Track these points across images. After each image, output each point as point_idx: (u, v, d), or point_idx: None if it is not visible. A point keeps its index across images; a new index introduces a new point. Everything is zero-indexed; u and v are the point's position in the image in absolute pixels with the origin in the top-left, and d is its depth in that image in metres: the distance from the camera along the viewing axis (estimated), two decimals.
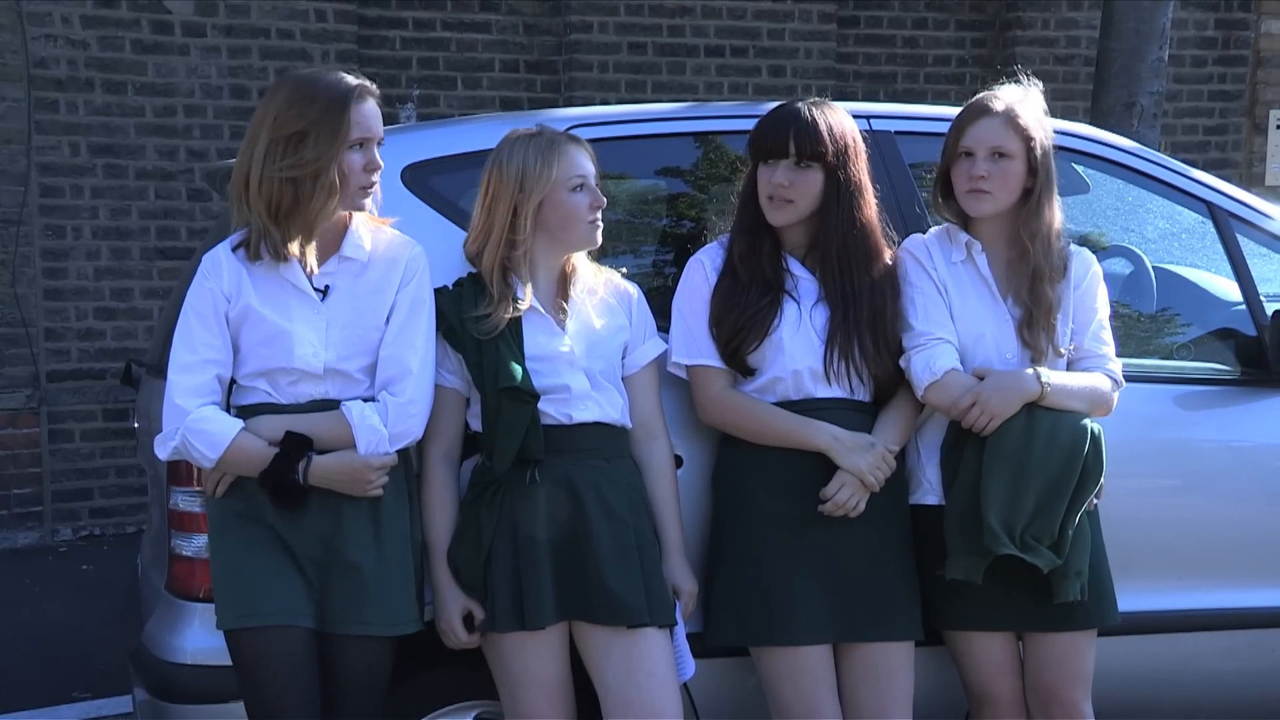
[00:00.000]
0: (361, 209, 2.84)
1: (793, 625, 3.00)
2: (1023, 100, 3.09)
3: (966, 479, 3.00)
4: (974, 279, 3.12)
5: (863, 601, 3.03)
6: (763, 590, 3.01)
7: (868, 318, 3.04)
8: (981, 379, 3.02)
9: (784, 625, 3.00)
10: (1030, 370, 3.02)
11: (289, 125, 2.73)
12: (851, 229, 3.05)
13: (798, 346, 3.04)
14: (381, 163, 2.81)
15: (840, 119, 3.07)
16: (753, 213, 3.08)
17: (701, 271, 3.12)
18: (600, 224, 2.98)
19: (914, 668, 3.09)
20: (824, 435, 3.01)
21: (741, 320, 3.03)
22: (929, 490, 3.13)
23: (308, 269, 2.78)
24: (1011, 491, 2.95)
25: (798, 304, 3.06)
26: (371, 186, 2.81)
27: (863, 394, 3.09)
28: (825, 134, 3.01)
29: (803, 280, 3.10)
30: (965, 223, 3.14)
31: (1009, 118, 3.05)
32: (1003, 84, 3.14)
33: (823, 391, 3.05)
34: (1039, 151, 3.05)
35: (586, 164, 2.96)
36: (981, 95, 3.11)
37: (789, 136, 3.01)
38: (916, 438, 3.16)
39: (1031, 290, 3.05)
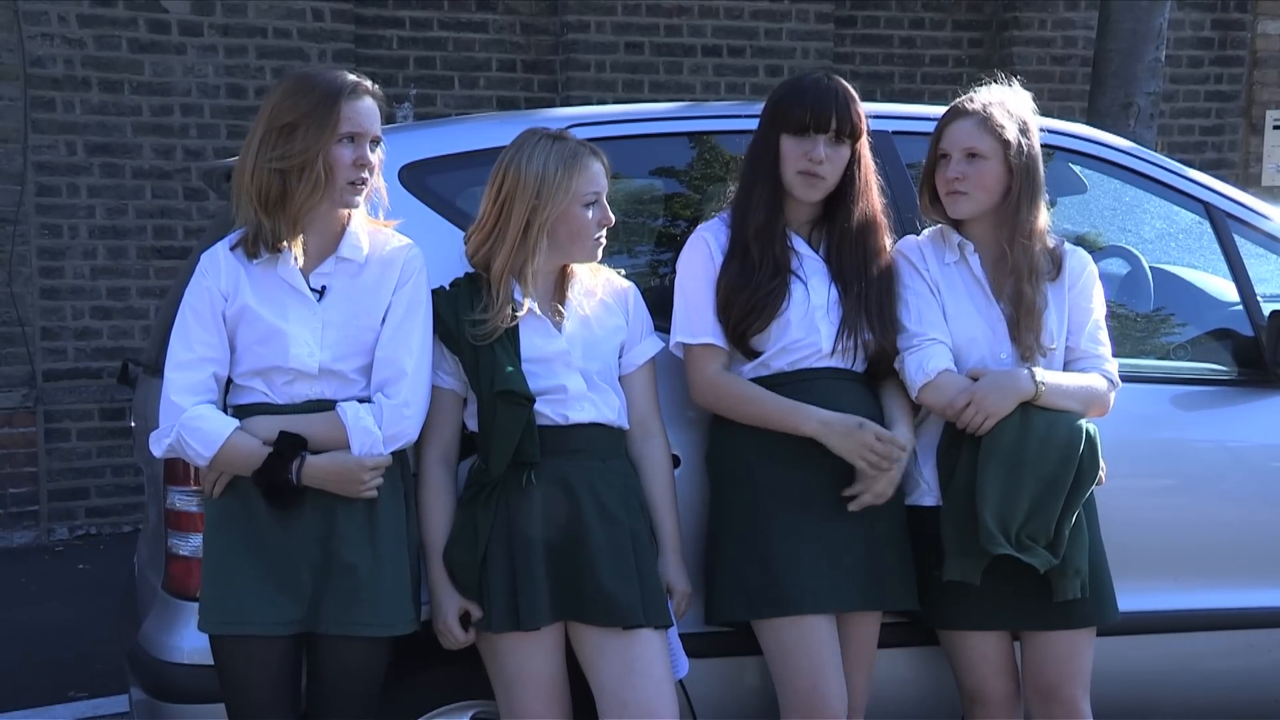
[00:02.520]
0: (353, 206, 2.81)
1: (802, 594, 2.97)
2: (1001, 101, 3.08)
3: (962, 479, 3.00)
4: (967, 280, 3.12)
5: (865, 569, 3.02)
6: (769, 560, 2.99)
7: (873, 292, 3.05)
8: (976, 380, 3.02)
9: (793, 594, 2.97)
10: (1025, 370, 3.02)
11: (282, 117, 2.73)
12: (866, 205, 3.08)
13: (803, 326, 3.02)
14: (372, 159, 2.78)
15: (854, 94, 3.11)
16: (774, 185, 3.05)
17: (705, 249, 3.08)
18: (604, 241, 2.97)
19: (914, 653, 3.07)
20: (813, 422, 2.98)
21: (752, 301, 3.00)
22: (926, 491, 3.12)
23: (294, 262, 2.77)
24: (1007, 491, 2.94)
25: (804, 283, 3.05)
26: (361, 183, 2.78)
27: (860, 366, 3.08)
28: (859, 110, 3.05)
29: (807, 259, 3.09)
30: (956, 224, 3.13)
31: (982, 119, 3.04)
32: (984, 84, 3.14)
33: (821, 363, 3.05)
34: (1016, 152, 3.04)
35: (603, 179, 2.94)
36: (962, 97, 3.11)
37: (832, 111, 3.01)
38: None
39: (1013, 290, 3.05)
